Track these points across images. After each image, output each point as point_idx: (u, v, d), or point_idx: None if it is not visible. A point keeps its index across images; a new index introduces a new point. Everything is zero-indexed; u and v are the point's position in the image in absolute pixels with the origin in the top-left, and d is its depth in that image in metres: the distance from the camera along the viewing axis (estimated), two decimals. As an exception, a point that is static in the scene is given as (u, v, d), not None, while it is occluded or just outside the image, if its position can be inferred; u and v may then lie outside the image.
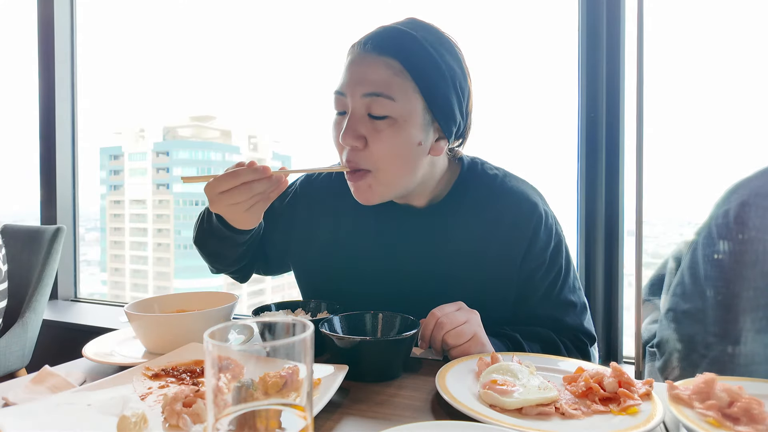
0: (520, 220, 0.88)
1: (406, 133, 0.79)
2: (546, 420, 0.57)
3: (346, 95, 0.81)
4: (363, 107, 0.79)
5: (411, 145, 0.81)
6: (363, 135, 0.80)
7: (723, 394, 0.56)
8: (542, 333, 0.88)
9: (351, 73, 0.80)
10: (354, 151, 0.81)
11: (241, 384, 0.37)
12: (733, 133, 1.47)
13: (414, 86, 0.79)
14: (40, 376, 0.69)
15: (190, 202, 35.68)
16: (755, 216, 0.88)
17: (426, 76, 0.79)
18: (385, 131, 0.79)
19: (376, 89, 0.78)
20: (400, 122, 0.79)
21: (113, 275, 34.48)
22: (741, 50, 1.46)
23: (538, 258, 0.88)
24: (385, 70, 0.78)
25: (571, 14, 1.49)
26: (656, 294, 1.13)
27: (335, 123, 0.85)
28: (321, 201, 1.00)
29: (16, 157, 2.79)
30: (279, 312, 0.88)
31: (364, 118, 0.80)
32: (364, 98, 0.79)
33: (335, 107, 0.84)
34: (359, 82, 0.79)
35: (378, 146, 0.79)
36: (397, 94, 0.78)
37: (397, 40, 0.79)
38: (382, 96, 0.78)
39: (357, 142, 0.80)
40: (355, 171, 0.82)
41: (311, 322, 0.39)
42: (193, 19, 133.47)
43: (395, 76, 0.78)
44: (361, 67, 0.79)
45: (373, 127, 0.79)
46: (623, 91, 1.43)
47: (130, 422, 0.52)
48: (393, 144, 0.79)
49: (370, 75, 0.78)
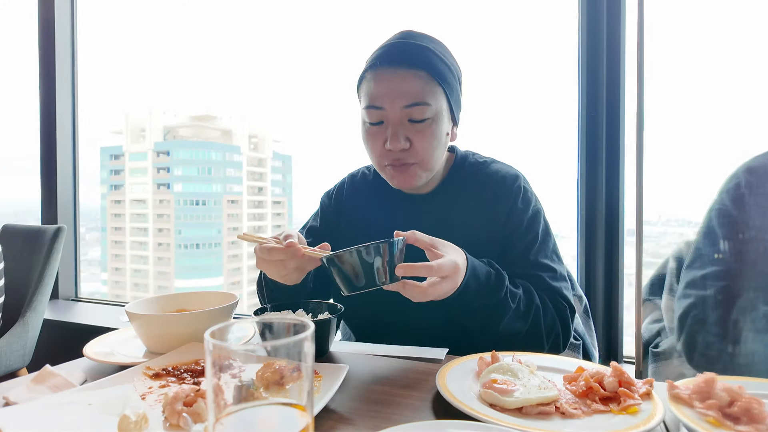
0: (501, 193, 1.00)
1: (440, 129, 0.94)
2: (546, 419, 0.58)
3: (384, 108, 0.92)
4: (404, 116, 0.92)
5: (444, 136, 0.96)
6: (408, 138, 0.92)
7: (723, 394, 0.56)
8: (523, 283, 0.92)
9: (387, 88, 0.91)
10: (401, 152, 0.93)
11: (241, 384, 0.37)
12: (733, 133, 1.47)
13: (441, 90, 0.93)
14: (41, 375, 0.69)
15: (190, 202, 35.72)
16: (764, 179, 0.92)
17: (446, 79, 0.93)
18: (426, 131, 0.93)
19: (415, 99, 0.90)
20: (437, 121, 0.93)
21: (114, 275, 34.50)
22: (741, 50, 1.46)
23: (515, 222, 0.98)
24: (418, 81, 0.91)
25: (571, 14, 1.49)
26: (656, 294, 1.13)
27: (371, 133, 0.95)
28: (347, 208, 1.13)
29: (16, 157, 2.80)
30: (279, 312, 0.88)
31: (405, 123, 0.92)
32: (404, 108, 0.91)
33: (369, 119, 0.95)
34: (398, 95, 0.90)
35: (422, 144, 0.93)
36: (430, 99, 0.92)
37: (418, 55, 0.92)
38: (421, 104, 0.91)
39: (405, 145, 0.92)
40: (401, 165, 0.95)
41: (311, 322, 0.39)
42: (194, 20, 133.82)
43: (426, 85, 0.91)
44: (395, 82, 0.91)
45: (415, 130, 0.92)
46: (623, 91, 1.43)
47: (131, 421, 0.52)
48: (433, 140, 0.93)
49: (406, 87, 0.90)
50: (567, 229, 1.53)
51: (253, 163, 49.14)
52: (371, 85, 0.93)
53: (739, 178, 0.95)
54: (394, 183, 0.98)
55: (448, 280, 0.76)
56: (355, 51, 36.11)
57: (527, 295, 0.90)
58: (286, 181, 50.93)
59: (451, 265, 0.75)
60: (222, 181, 44.89)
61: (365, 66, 0.96)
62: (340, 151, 37.79)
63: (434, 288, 0.75)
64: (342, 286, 0.75)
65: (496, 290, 0.85)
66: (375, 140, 0.95)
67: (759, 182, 0.93)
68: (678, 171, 1.53)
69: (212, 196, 43.97)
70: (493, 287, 0.85)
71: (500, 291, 0.85)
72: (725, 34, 1.50)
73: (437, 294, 0.76)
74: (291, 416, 0.38)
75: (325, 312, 0.90)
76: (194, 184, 43.05)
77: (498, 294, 0.85)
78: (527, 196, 1.00)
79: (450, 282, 0.76)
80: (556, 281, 0.95)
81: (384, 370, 0.76)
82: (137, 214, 38.08)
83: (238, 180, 46.72)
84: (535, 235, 0.98)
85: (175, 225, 36.36)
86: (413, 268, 0.73)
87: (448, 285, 0.76)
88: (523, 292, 0.90)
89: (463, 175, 1.04)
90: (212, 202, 43.77)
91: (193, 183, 43.22)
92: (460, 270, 0.78)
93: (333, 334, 0.85)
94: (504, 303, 0.85)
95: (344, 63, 39.55)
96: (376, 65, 0.92)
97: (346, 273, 0.73)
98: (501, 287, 0.85)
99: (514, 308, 0.86)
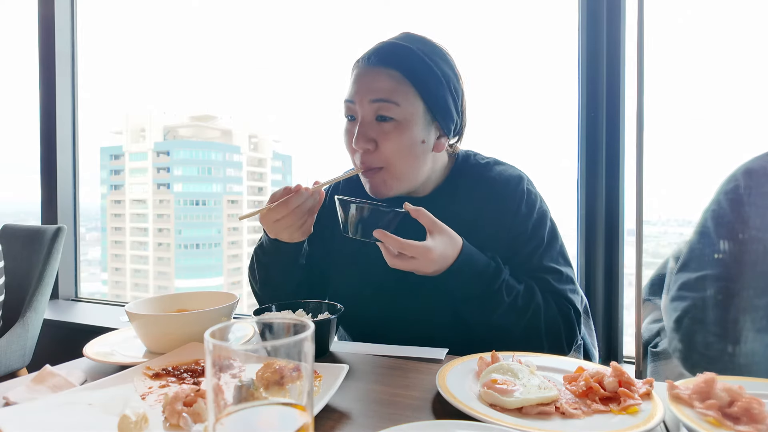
0: (505, 196, 0.98)
1: (410, 132, 0.91)
2: (546, 419, 0.58)
3: (355, 103, 0.92)
4: (371, 112, 0.91)
5: (415, 143, 0.92)
6: (373, 138, 0.91)
7: (723, 394, 0.56)
8: (527, 282, 0.93)
9: (359, 84, 0.92)
10: (366, 154, 0.92)
11: (241, 384, 0.37)
12: (733, 132, 1.47)
13: (414, 92, 0.90)
14: (41, 375, 0.69)
15: (190, 202, 35.73)
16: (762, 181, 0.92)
17: (424, 82, 0.91)
18: (392, 132, 0.90)
19: (381, 96, 0.89)
20: (405, 124, 0.90)
21: (114, 275, 34.52)
22: (742, 50, 1.46)
23: (519, 227, 0.96)
24: (388, 80, 0.90)
25: (571, 15, 1.49)
26: (656, 294, 1.13)
27: (346, 130, 0.96)
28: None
29: (16, 157, 2.80)
30: (279, 312, 0.89)
31: (373, 122, 0.91)
32: (371, 104, 0.90)
33: (345, 113, 0.96)
34: (367, 91, 0.90)
35: (387, 145, 0.90)
36: (400, 99, 0.89)
37: (396, 54, 0.91)
38: (388, 102, 0.89)
39: (368, 145, 0.91)
40: (368, 169, 0.93)
41: (311, 322, 0.39)
42: (194, 20, 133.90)
43: (398, 84, 0.89)
44: (367, 78, 0.91)
45: (381, 130, 0.91)
46: (623, 91, 1.43)
47: (131, 421, 0.52)
48: (400, 143, 0.90)
49: (375, 84, 0.90)
50: (567, 229, 1.53)
51: (253, 163, 49.18)
52: (350, 81, 0.95)
53: (738, 179, 0.95)
54: (368, 189, 0.97)
55: (415, 261, 0.81)
56: (355, 51, 36.33)
57: (528, 291, 0.90)
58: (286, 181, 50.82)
59: (421, 249, 0.80)
60: (222, 181, 44.90)
61: None
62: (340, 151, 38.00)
63: (399, 260, 0.82)
64: (342, 226, 0.86)
65: (492, 281, 0.87)
66: (348, 138, 0.95)
67: (757, 184, 0.93)
68: (678, 171, 1.53)
69: (212, 196, 43.99)
70: (489, 277, 0.87)
71: (495, 282, 0.87)
72: (725, 34, 1.50)
73: (401, 266, 0.82)
74: (291, 416, 0.38)
75: (325, 312, 0.90)
76: (194, 184, 43.07)
77: (492, 284, 0.87)
78: (531, 199, 0.98)
79: (417, 263, 0.81)
80: (561, 284, 0.94)
81: (384, 370, 0.76)
82: (137, 214, 38.12)
83: (238, 180, 46.75)
84: (541, 240, 0.96)
85: (175, 225, 36.37)
86: (385, 236, 0.81)
87: (413, 264, 0.81)
88: (525, 289, 0.90)
89: (465, 177, 1.02)
90: (212, 202, 43.79)
91: (193, 183, 43.24)
92: (432, 257, 0.81)
93: (333, 334, 0.85)
94: (498, 294, 0.87)
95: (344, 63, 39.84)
96: (359, 62, 0.94)
97: (348, 217, 0.84)
98: (497, 278, 0.87)
99: (509, 301, 0.87)
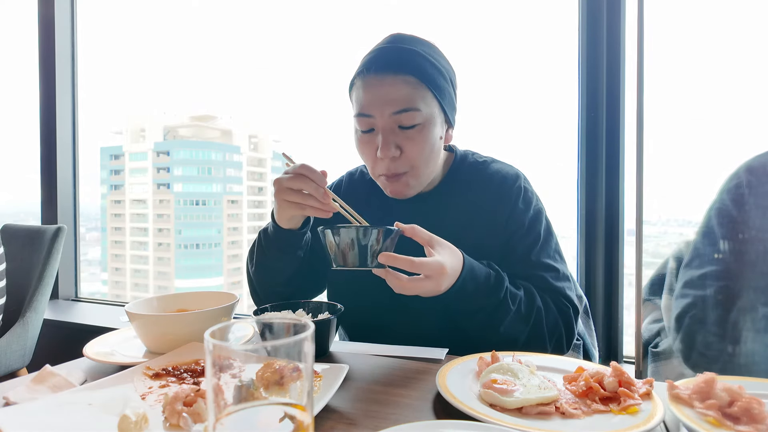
0: (502, 192, 0.98)
1: (432, 133, 0.92)
2: (546, 419, 0.57)
3: (373, 116, 0.90)
4: (393, 123, 0.90)
5: (437, 141, 0.94)
6: (398, 145, 0.90)
7: (723, 394, 0.56)
8: (524, 284, 0.92)
9: (375, 96, 0.89)
10: (393, 161, 0.91)
11: (241, 384, 0.37)
12: (733, 132, 1.47)
13: (430, 93, 0.90)
14: (41, 375, 0.69)
15: (190, 202, 35.76)
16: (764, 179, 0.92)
17: (435, 81, 0.91)
18: (417, 137, 0.90)
19: (404, 105, 0.88)
20: (427, 126, 0.91)
21: (114, 275, 34.54)
22: (742, 50, 1.46)
23: (516, 223, 0.97)
24: (406, 87, 0.88)
25: (571, 14, 1.49)
26: (656, 294, 1.13)
27: (363, 141, 0.94)
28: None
29: (16, 157, 2.80)
30: (280, 312, 0.89)
31: (395, 130, 0.90)
32: (393, 115, 0.88)
33: (360, 127, 0.93)
34: (386, 102, 0.88)
35: (413, 151, 0.91)
36: (420, 104, 0.89)
37: (405, 59, 0.89)
38: (410, 110, 0.88)
39: (395, 153, 0.90)
40: (394, 175, 0.93)
41: (311, 322, 0.39)
42: (194, 20, 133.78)
43: (415, 90, 0.89)
44: (383, 88, 0.89)
45: (405, 137, 0.90)
46: (623, 91, 1.43)
47: (131, 421, 0.52)
48: (424, 146, 0.91)
49: (394, 94, 0.88)
50: (567, 229, 1.53)
51: (253, 163, 49.18)
52: (360, 93, 0.91)
53: (740, 177, 0.95)
54: (387, 192, 0.98)
55: (430, 280, 0.75)
56: (355, 51, 36.52)
57: (528, 296, 0.90)
58: (286, 182, 50.58)
59: (435, 265, 0.75)
60: (222, 181, 44.93)
61: (355, 71, 0.95)
62: (340, 151, 38.41)
63: (414, 283, 0.75)
64: (332, 259, 0.77)
65: (496, 291, 0.84)
66: (367, 149, 0.94)
67: (759, 182, 0.93)
68: (678, 171, 1.53)
69: (212, 196, 44.02)
70: (493, 288, 0.85)
71: (499, 292, 0.85)
72: (725, 34, 1.50)
73: (416, 290, 0.76)
74: (291, 416, 0.38)
75: (325, 312, 0.90)
76: (194, 184, 43.09)
77: (497, 295, 0.84)
78: (528, 196, 1.00)
79: (432, 282, 0.76)
80: (558, 281, 0.95)
81: (384, 370, 0.76)
82: (137, 214, 38.13)
83: (238, 180, 46.77)
84: (537, 236, 0.97)
85: (175, 225, 36.37)
86: (395, 259, 0.74)
87: (429, 284, 0.76)
88: (524, 294, 0.89)
89: (463, 175, 1.03)
90: (212, 202, 43.81)
91: (193, 183, 43.26)
92: (446, 272, 0.77)
93: (333, 334, 0.85)
94: (504, 304, 0.85)
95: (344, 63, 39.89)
96: (364, 72, 0.91)
97: (339, 247, 0.76)
98: (500, 288, 0.85)
99: (515, 310, 0.86)
